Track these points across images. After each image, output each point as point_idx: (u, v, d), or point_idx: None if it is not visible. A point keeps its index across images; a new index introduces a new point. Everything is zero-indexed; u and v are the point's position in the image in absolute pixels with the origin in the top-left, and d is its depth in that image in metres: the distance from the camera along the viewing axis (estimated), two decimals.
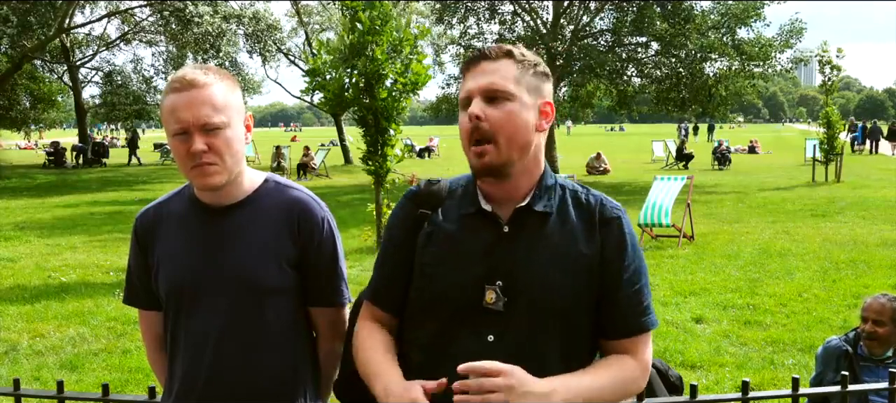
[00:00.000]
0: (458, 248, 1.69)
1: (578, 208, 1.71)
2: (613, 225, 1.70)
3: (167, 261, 1.93)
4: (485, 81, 1.63)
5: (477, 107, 1.61)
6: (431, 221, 1.75)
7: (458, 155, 35.88)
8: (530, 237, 1.66)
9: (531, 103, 1.65)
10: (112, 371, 5.63)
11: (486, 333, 1.63)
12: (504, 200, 1.69)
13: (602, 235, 1.68)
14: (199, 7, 26.17)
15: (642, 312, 1.69)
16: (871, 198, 15.69)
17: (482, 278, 1.64)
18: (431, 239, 1.73)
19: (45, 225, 13.50)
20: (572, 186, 1.76)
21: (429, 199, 1.78)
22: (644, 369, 1.70)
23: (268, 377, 1.91)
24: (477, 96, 1.63)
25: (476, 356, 1.56)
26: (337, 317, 2.04)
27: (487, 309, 1.62)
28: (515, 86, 1.62)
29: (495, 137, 1.61)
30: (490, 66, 1.64)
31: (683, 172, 22.44)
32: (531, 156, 1.68)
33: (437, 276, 1.70)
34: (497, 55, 1.66)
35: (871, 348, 3.62)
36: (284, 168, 24.34)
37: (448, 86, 27.02)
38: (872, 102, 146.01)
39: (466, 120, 1.64)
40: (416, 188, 1.82)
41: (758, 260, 9.43)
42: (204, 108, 1.77)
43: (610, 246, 1.68)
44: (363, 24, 9.78)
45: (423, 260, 1.73)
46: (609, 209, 1.71)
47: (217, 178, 1.81)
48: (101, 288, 8.28)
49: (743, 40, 22.24)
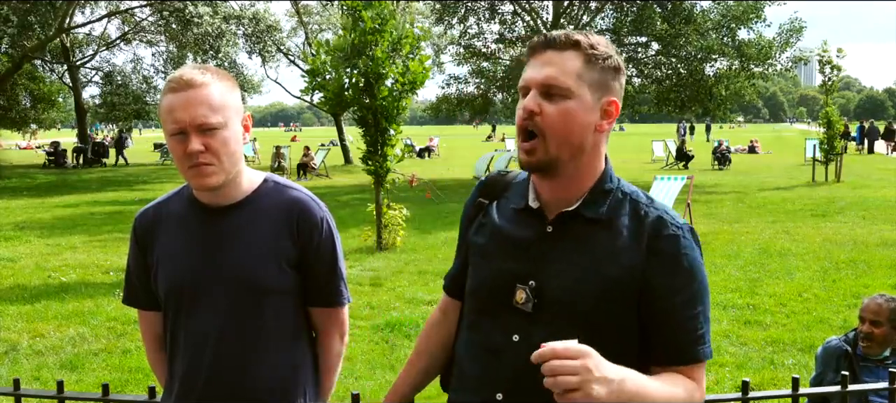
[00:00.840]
0: (499, 241, 1.65)
1: (633, 219, 1.58)
2: (668, 242, 1.55)
3: (166, 261, 1.93)
4: (544, 74, 1.53)
5: (532, 101, 1.53)
6: (486, 211, 1.73)
7: (459, 155, 35.97)
8: (572, 242, 1.57)
9: (593, 102, 1.54)
10: (112, 371, 5.64)
11: (511, 332, 1.58)
12: (554, 199, 1.61)
13: (650, 251, 1.54)
14: (198, 7, 26.17)
15: (697, 340, 1.55)
16: (871, 198, 15.69)
17: (515, 275, 1.58)
18: (480, 229, 1.72)
19: (45, 225, 13.50)
20: (636, 196, 1.63)
21: (491, 190, 1.75)
22: (701, 394, 1.55)
23: (267, 377, 1.91)
24: (534, 88, 1.53)
25: (501, 353, 1.57)
26: (336, 317, 2.04)
27: (516, 309, 1.58)
28: (576, 83, 1.52)
29: (546, 134, 1.52)
30: (554, 57, 1.54)
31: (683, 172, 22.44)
32: (586, 158, 1.58)
33: (477, 267, 1.69)
34: (563, 45, 1.54)
35: (868, 348, 3.61)
36: (284, 168, 24.34)
37: (448, 86, 27.03)
38: (872, 102, 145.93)
39: (521, 111, 1.55)
40: (485, 178, 1.81)
41: (758, 259, 9.43)
42: (200, 109, 1.77)
43: (659, 263, 1.54)
44: (365, 23, 9.78)
45: (471, 249, 1.73)
46: (667, 224, 1.56)
47: (214, 179, 1.81)
48: (101, 288, 8.28)
49: (743, 40, 22.24)
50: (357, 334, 6.35)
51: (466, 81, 26.44)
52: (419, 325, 6.67)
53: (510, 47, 25.47)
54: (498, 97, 26.46)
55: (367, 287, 8.28)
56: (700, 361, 1.55)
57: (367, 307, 7.37)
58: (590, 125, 1.55)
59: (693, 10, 22.46)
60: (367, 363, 5.77)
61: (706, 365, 1.62)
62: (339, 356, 2.08)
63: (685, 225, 1.60)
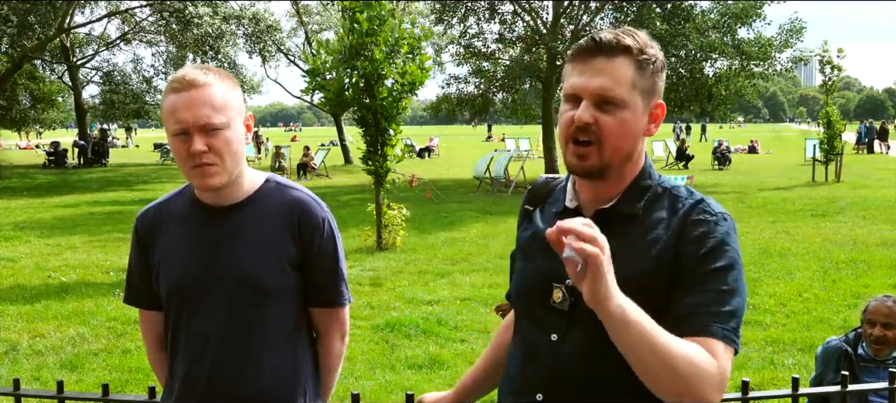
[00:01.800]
0: (538, 244, 1.63)
1: (670, 212, 1.56)
2: (698, 225, 1.51)
3: (168, 261, 1.93)
4: (598, 84, 1.47)
5: (587, 113, 1.48)
6: (531, 217, 1.75)
7: (458, 155, 35.96)
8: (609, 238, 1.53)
9: (644, 108, 1.53)
10: (112, 371, 5.64)
11: (550, 332, 1.58)
12: (593, 199, 1.61)
13: (680, 237, 1.51)
14: (198, 8, 26.17)
15: (713, 315, 1.45)
16: (871, 198, 15.69)
17: (551, 275, 1.58)
18: (526, 236, 1.74)
19: (45, 225, 13.50)
20: (677, 190, 1.60)
21: (536, 197, 1.78)
22: (722, 375, 1.43)
23: (268, 377, 1.91)
24: (587, 99, 1.48)
25: (541, 353, 1.59)
26: (337, 318, 2.04)
27: (554, 308, 1.57)
28: (630, 93, 1.48)
29: (603, 144, 1.50)
30: (605, 65, 1.48)
31: (683, 172, 22.44)
32: (632, 160, 1.59)
33: (519, 271, 1.73)
34: (614, 50, 1.48)
35: (878, 351, 3.59)
36: (284, 168, 24.34)
37: (448, 86, 27.01)
38: (872, 102, 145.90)
39: (569, 117, 1.50)
40: (531, 186, 1.82)
41: (758, 260, 9.43)
42: (204, 109, 1.77)
43: (687, 244, 1.50)
44: (361, 25, 9.78)
45: (518, 256, 1.76)
46: (700, 210, 1.53)
47: (217, 179, 1.81)
48: (101, 288, 8.28)
49: (743, 40, 22.23)
50: (357, 334, 6.35)
51: (466, 81, 26.43)
52: (419, 325, 6.67)
53: (510, 47, 25.46)
54: (498, 97, 26.46)
55: (367, 287, 8.28)
56: (714, 337, 1.44)
57: (367, 307, 7.37)
58: (641, 131, 1.56)
59: (692, 10, 22.45)
60: (367, 363, 5.77)
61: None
62: (339, 356, 2.08)
63: (722, 212, 1.55)
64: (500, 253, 9.82)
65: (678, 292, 1.50)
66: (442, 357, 5.82)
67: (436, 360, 5.79)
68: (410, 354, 5.94)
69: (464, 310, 7.23)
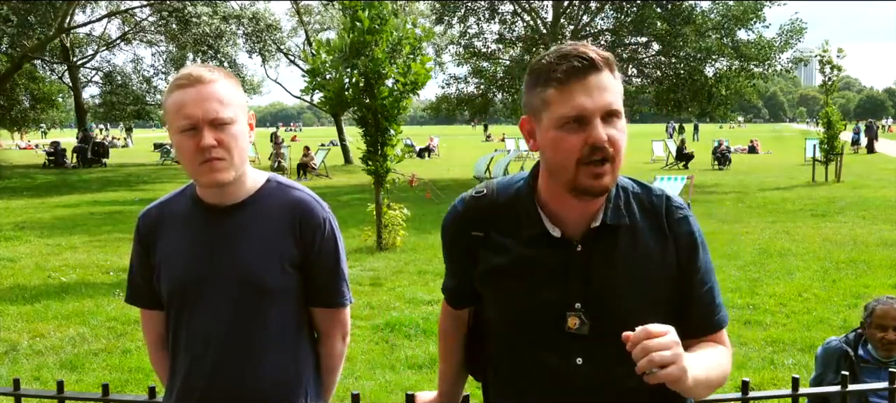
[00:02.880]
0: (527, 273, 1.61)
1: (644, 212, 1.63)
2: (682, 226, 1.63)
3: (169, 261, 1.93)
4: (603, 101, 1.50)
5: (603, 132, 1.49)
6: (487, 242, 1.66)
7: (458, 155, 35.95)
8: (604, 253, 1.59)
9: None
10: (112, 371, 5.64)
11: (573, 356, 1.60)
12: (580, 218, 1.60)
13: (674, 241, 1.62)
14: (198, 7, 26.17)
15: (716, 310, 1.68)
16: (871, 198, 15.69)
17: (559, 303, 1.59)
18: (490, 260, 1.66)
19: (45, 225, 13.50)
20: (632, 187, 1.65)
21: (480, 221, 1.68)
22: (730, 353, 1.70)
23: (269, 377, 1.91)
24: (597, 116, 1.49)
25: (567, 377, 1.60)
26: (338, 318, 2.04)
27: (571, 334, 1.58)
28: (620, 101, 1.54)
29: (617, 160, 1.53)
30: (601, 82, 1.50)
31: (683, 172, 22.43)
32: None
33: (509, 298, 1.66)
34: (602, 65, 1.51)
35: (887, 354, 3.58)
36: (284, 167, 24.34)
37: (448, 86, 27.03)
38: (872, 102, 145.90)
39: (579, 139, 1.49)
40: (461, 210, 1.71)
41: (758, 260, 9.43)
42: (212, 103, 1.77)
43: (683, 249, 1.62)
44: (362, 23, 9.77)
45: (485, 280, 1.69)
46: (675, 210, 1.64)
47: (225, 174, 1.81)
48: (101, 288, 8.28)
49: (742, 41, 22.24)
50: (357, 334, 6.35)
51: (466, 81, 26.44)
52: (419, 325, 6.67)
53: (510, 47, 25.47)
54: (498, 97, 26.47)
55: (367, 287, 8.28)
56: (720, 328, 1.69)
57: (367, 307, 7.37)
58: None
59: (693, 11, 22.46)
60: (367, 363, 5.77)
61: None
62: (340, 356, 2.08)
63: (684, 204, 1.69)
64: None
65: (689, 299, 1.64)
66: None
67: (436, 360, 5.78)
68: (410, 354, 5.94)
69: None
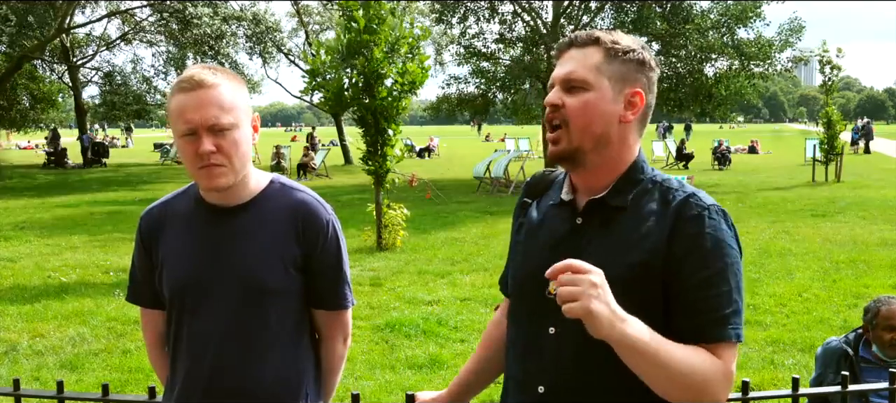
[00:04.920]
0: (534, 237, 1.71)
1: (661, 204, 1.59)
2: (691, 222, 1.53)
3: (171, 261, 1.92)
4: (565, 70, 1.61)
5: (554, 95, 1.61)
6: (527, 211, 1.79)
7: (458, 155, 35.94)
8: (599, 230, 1.61)
9: (614, 93, 1.59)
10: (112, 371, 5.64)
11: (548, 325, 1.61)
12: (584, 191, 1.66)
13: (673, 231, 1.54)
14: (198, 8, 26.17)
15: (720, 320, 1.50)
16: (871, 198, 15.69)
17: (546, 267, 1.56)
18: (521, 229, 1.78)
19: (45, 225, 13.50)
20: (668, 183, 1.63)
21: (534, 189, 1.82)
22: (726, 376, 1.48)
23: (270, 378, 1.90)
24: (557, 84, 1.62)
25: (540, 347, 1.61)
26: (340, 320, 2.04)
27: (550, 299, 1.55)
28: (595, 76, 1.58)
29: (568, 125, 1.59)
30: (576, 54, 1.62)
31: (684, 172, 22.44)
32: (614, 149, 1.61)
33: (515, 265, 1.77)
34: (584, 42, 1.62)
35: (893, 354, 3.57)
36: (284, 168, 24.34)
37: (448, 86, 27.01)
38: (872, 102, 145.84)
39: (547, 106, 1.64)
40: (529, 178, 1.87)
41: (758, 260, 9.43)
42: (212, 109, 1.77)
43: (681, 243, 1.53)
44: (358, 23, 9.77)
45: (513, 249, 1.81)
46: (692, 205, 1.55)
47: (224, 179, 1.81)
48: (101, 288, 8.28)
49: (742, 40, 22.23)
50: (357, 334, 6.35)
51: (466, 81, 26.42)
52: (419, 325, 6.67)
53: (510, 47, 25.45)
54: (498, 97, 26.46)
55: (367, 287, 8.28)
56: (723, 341, 1.50)
57: (367, 307, 7.37)
58: (612, 115, 1.60)
59: (692, 10, 22.45)
60: (367, 363, 5.77)
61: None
62: (341, 358, 2.08)
63: (713, 205, 1.57)
64: (500, 254, 9.81)
65: (679, 299, 1.52)
66: (442, 358, 5.82)
67: (436, 360, 5.79)
68: (410, 354, 5.94)
69: (464, 310, 7.23)
